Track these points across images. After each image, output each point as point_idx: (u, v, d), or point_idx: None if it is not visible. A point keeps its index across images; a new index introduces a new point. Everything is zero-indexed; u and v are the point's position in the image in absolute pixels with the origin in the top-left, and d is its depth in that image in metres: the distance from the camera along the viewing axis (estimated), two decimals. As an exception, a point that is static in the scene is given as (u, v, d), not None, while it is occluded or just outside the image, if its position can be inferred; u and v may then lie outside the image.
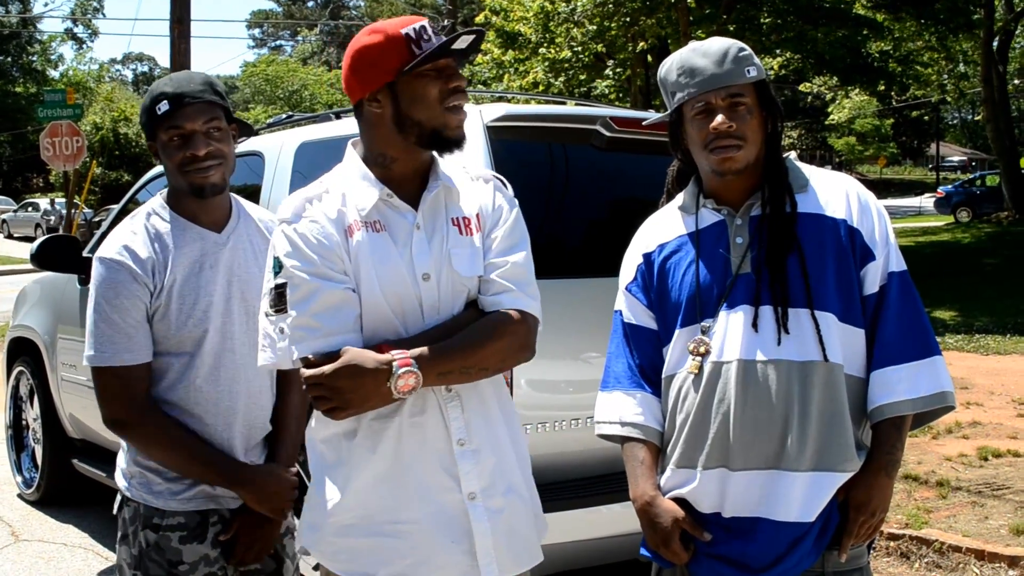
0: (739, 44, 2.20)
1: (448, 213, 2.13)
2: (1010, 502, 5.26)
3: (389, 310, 2.04)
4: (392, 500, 2.03)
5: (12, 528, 5.56)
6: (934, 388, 2.15)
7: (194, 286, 2.37)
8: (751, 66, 2.17)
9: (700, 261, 2.22)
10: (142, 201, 5.36)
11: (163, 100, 2.33)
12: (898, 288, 2.17)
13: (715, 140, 2.15)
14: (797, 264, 2.14)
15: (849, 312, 2.16)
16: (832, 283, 2.15)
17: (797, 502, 2.11)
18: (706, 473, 2.16)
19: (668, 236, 2.31)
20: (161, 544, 2.36)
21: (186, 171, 2.34)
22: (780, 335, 2.12)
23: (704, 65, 2.16)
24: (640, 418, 2.26)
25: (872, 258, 2.17)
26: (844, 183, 2.25)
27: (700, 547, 2.21)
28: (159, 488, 2.38)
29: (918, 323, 2.17)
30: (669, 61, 2.25)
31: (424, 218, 2.10)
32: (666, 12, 17.90)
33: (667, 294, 2.27)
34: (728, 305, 2.17)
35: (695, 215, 2.28)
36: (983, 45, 25.47)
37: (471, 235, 2.13)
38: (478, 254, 2.12)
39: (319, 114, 4.78)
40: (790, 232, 2.16)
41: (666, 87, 2.25)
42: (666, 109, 2.28)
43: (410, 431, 2.03)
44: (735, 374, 2.13)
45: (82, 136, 17.21)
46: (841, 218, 2.18)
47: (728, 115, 2.14)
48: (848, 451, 2.12)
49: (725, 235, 2.22)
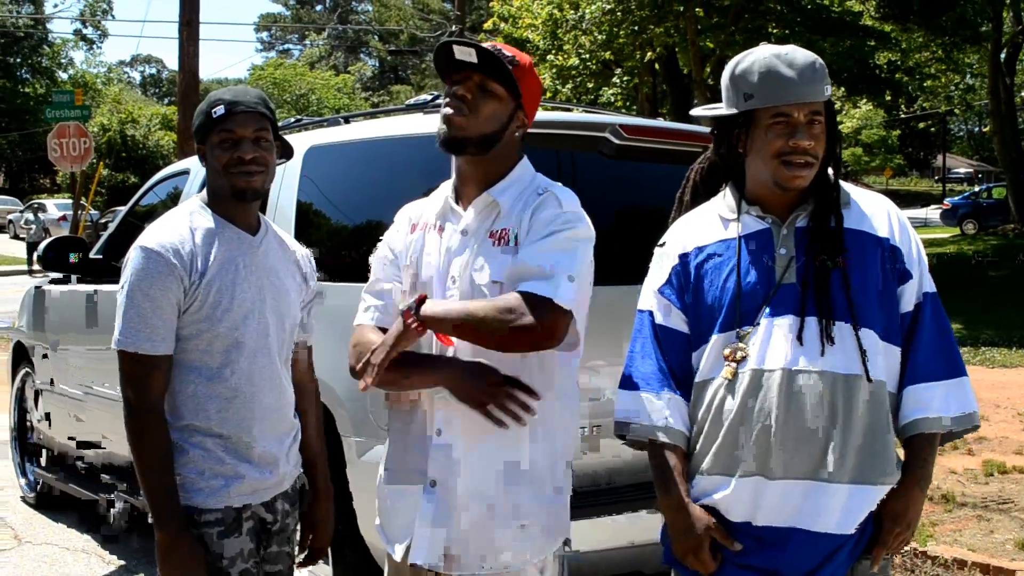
0: (819, 59, 2.18)
1: (492, 225, 2.27)
2: (1015, 517, 5.24)
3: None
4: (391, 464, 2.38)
5: (15, 531, 5.56)
6: (964, 408, 2.19)
7: (230, 283, 2.43)
8: (827, 84, 2.17)
9: (742, 267, 2.20)
10: (149, 204, 5.37)
11: (220, 105, 2.44)
12: (931, 309, 2.21)
13: (791, 155, 2.13)
14: (841, 279, 2.14)
15: (889, 330, 2.18)
16: (875, 300, 2.16)
17: (836, 514, 2.11)
18: (741, 481, 2.14)
19: (707, 239, 2.27)
20: (204, 540, 2.39)
21: (231, 172, 2.44)
22: (824, 347, 2.11)
23: (791, 76, 2.13)
24: (670, 421, 2.23)
25: (910, 277, 2.20)
26: (883, 202, 2.26)
27: (728, 556, 2.19)
28: (198, 487, 2.40)
29: (949, 344, 2.22)
30: (748, 61, 2.19)
31: (470, 225, 2.29)
32: (674, 21, 17.91)
33: (703, 298, 2.24)
34: (770, 313, 2.15)
35: (738, 221, 2.25)
36: (990, 57, 25.47)
37: (502, 245, 2.24)
38: (502, 263, 2.21)
39: (328, 118, 4.78)
40: (837, 246, 2.15)
41: (738, 85, 2.20)
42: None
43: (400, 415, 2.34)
44: (777, 382, 2.11)
45: (89, 137, 17.25)
46: (884, 236, 2.19)
47: (808, 132, 2.13)
48: (889, 465, 2.15)
49: (770, 244, 2.20)
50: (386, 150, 3.94)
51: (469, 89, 2.26)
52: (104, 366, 4.70)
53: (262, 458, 2.47)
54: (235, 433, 2.43)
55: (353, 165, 4.13)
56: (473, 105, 2.26)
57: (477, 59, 2.23)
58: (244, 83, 58.26)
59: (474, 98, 2.26)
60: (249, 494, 2.45)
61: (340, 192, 4.11)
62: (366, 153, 4.06)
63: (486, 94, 2.27)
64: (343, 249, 3.97)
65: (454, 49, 2.25)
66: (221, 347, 2.42)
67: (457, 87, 2.27)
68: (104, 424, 4.92)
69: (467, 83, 2.27)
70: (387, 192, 3.68)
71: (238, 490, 2.43)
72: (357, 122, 4.47)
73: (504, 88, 2.28)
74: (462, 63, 2.25)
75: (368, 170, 4.04)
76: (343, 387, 3.47)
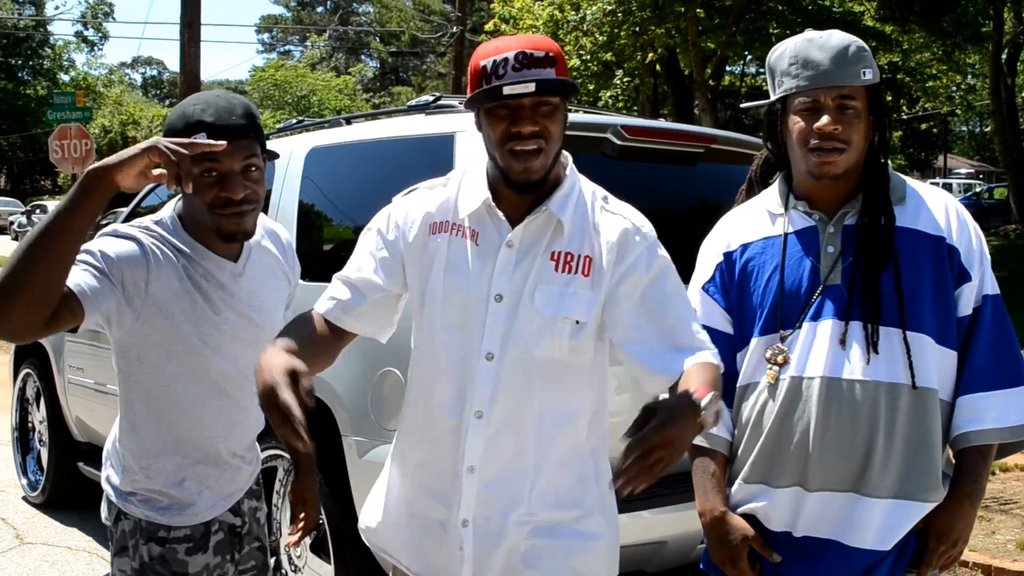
0: (860, 42, 2.07)
1: (551, 244, 1.99)
2: (1018, 517, 5.23)
3: (444, 321, 2.01)
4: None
5: (17, 531, 5.56)
6: (1023, 419, 2.06)
7: (208, 316, 2.23)
8: (868, 68, 2.05)
9: (786, 266, 2.10)
10: (149, 205, 5.37)
11: (201, 132, 2.06)
12: (991, 312, 2.08)
13: (818, 140, 2.03)
14: (891, 281, 2.03)
15: (945, 334, 2.05)
16: (929, 303, 2.04)
17: (874, 529, 2.02)
18: (780, 491, 2.08)
19: (753, 236, 2.18)
20: (167, 556, 2.30)
21: (219, 214, 2.14)
22: (869, 354, 2.01)
23: (820, 59, 2.04)
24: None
25: (968, 278, 2.07)
26: (943, 198, 2.14)
27: (767, 566, 2.13)
28: (163, 505, 2.31)
29: (1010, 350, 2.08)
30: (783, 47, 2.13)
31: (520, 239, 2.00)
32: (675, 22, 17.89)
33: (747, 298, 2.15)
34: (813, 316, 2.06)
35: (784, 216, 2.15)
36: (991, 58, 25.43)
37: (571, 274, 1.97)
38: (573, 297, 1.96)
39: (330, 119, 4.79)
40: (887, 246, 2.04)
41: (774, 73, 2.13)
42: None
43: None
44: (817, 391, 2.03)
45: (91, 139, 17.23)
46: (940, 235, 2.07)
47: (835, 116, 2.02)
48: (933, 480, 2.04)
49: (816, 242, 2.10)
50: (388, 151, 3.94)
51: (536, 122, 1.93)
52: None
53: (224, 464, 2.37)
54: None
55: (355, 166, 4.14)
56: (548, 133, 1.95)
57: (535, 87, 1.91)
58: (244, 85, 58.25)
59: (544, 126, 1.94)
60: (212, 505, 2.36)
61: (342, 193, 4.12)
62: (368, 154, 4.07)
63: (551, 114, 1.95)
64: (344, 250, 3.97)
65: (503, 90, 1.90)
66: (195, 382, 2.27)
67: (522, 124, 1.92)
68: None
69: (533, 115, 1.93)
70: (388, 193, 3.68)
71: (207, 505, 2.34)
72: (358, 123, 4.47)
73: (560, 96, 1.98)
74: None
75: (370, 171, 4.05)
76: (343, 387, 3.48)
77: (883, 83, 7.75)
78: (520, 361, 1.98)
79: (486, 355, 1.99)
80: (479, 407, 1.99)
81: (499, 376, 1.98)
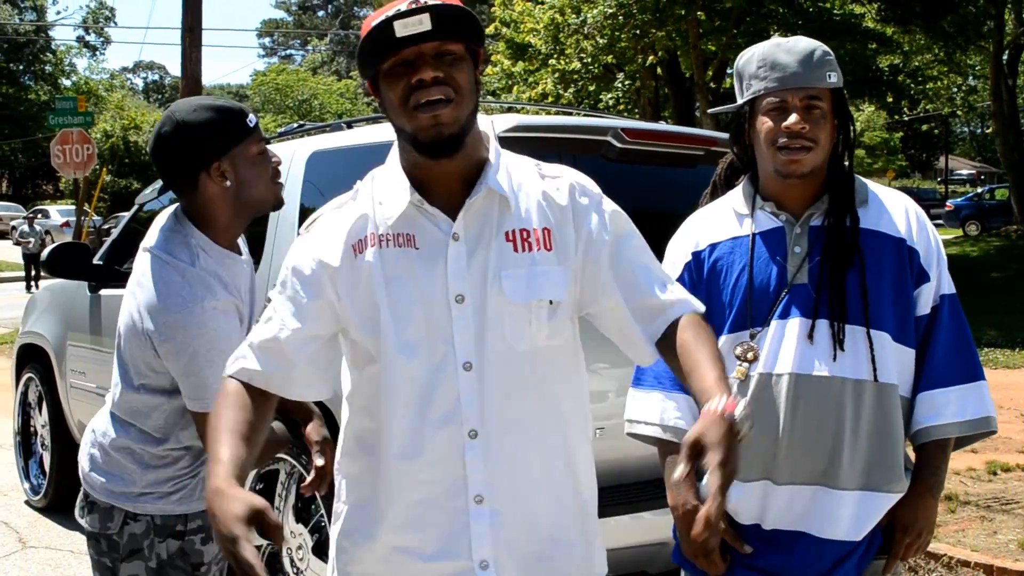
0: (824, 47, 2.13)
1: (501, 225, 1.75)
2: (1019, 517, 5.24)
3: (401, 343, 1.72)
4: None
5: (19, 535, 5.56)
6: (980, 412, 2.15)
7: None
8: (833, 71, 2.12)
9: (755, 266, 2.15)
10: (152, 209, 5.38)
11: (250, 113, 2.34)
12: (949, 311, 2.15)
13: (786, 139, 2.07)
14: (856, 280, 2.09)
15: (904, 332, 2.12)
16: (889, 302, 2.10)
17: (845, 521, 2.08)
18: (749, 485, 2.12)
19: (720, 236, 2.22)
20: (186, 549, 2.36)
21: (278, 183, 2.41)
22: (836, 351, 2.07)
23: (787, 62, 2.09)
24: (682, 423, 2.17)
25: (927, 279, 2.14)
26: (902, 200, 2.21)
27: (737, 558, 2.17)
28: (180, 491, 2.36)
29: (966, 347, 2.16)
30: (750, 52, 2.18)
31: (465, 228, 1.74)
32: (676, 25, 17.92)
33: (716, 296, 2.18)
34: (781, 315, 2.11)
35: (751, 217, 2.20)
36: (993, 59, 25.45)
37: (530, 251, 1.74)
38: (543, 276, 1.74)
39: (331, 123, 4.80)
40: (853, 247, 2.10)
41: (742, 77, 2.17)
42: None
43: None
44: (786, 387, 2.08)
45: (92, 144, 17.25)
46: (901, 237, 2.13)
47: (803, 116, 2.07)
48: (897, 472, 2.10)
49: (783, 242, 2.15)
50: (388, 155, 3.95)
51: (440, 69, 1.68)
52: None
53: None
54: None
55: (355, 170, 4.13)
56: (455, 83, 1.69)
57: (431, 23, 1.65)
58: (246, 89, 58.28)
59: (448, 74, 1.69)
60: None
61: (343, 196, 4.13)
62: (368, 158, 4.06)
63: (456, 62, 1.70)
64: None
65: (395, 26, 1.64)
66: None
67: (423, 71, 1.67)
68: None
69: (435, 60, 1.68)
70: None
71: None
72: (360, 127, 4.48)
73: (462, 42, 1.71)
74: (408, 37, 1.66)
75: (371, 174, 4.06)
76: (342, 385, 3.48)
77: (884, 84, 7.80)
78: (503, 361, 1.74)
79: (463, 365, 1.72)
80: (471, 425, 1.73)
81: (483, 384, 1.73)
